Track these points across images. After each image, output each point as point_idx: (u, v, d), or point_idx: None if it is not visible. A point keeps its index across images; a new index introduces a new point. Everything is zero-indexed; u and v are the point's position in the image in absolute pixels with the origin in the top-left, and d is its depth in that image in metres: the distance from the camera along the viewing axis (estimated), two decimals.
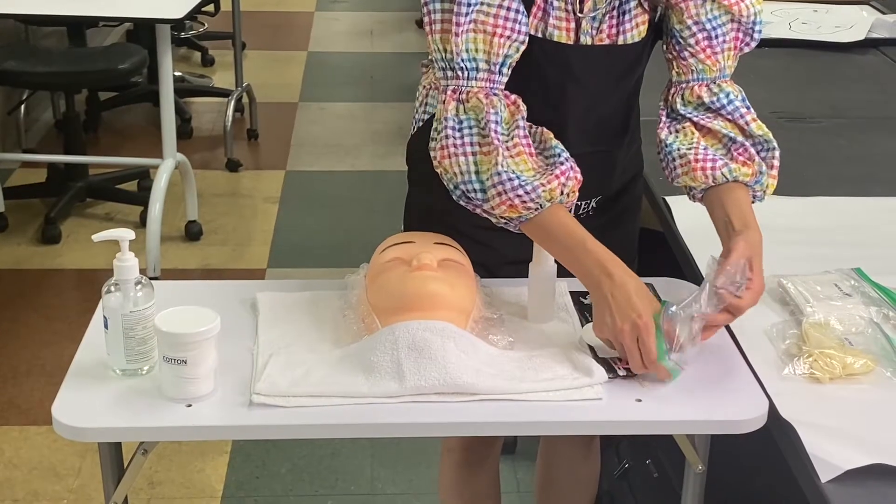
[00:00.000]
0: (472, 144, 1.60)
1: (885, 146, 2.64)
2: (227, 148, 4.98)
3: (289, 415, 1.46)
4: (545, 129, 1.66)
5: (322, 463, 2.94)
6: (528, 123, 1.66)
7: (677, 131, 1.78)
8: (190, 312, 1.49)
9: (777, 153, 1.75)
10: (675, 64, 1.77)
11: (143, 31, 5.10)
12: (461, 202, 1.64)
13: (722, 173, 1.70)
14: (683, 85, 1.77)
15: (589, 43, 1.71)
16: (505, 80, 1.64)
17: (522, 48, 1.64)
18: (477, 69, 1.62)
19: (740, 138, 1.73)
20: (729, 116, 1.75)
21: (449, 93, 1.63)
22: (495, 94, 1.63)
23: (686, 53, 1.75)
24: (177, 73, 5.47)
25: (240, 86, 5.28)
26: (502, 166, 1.57)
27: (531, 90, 1.72)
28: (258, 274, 3.98)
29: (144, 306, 1.53)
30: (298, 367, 1.53)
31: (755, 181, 1.71)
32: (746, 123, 1.75)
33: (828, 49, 3.36)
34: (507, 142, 1.60)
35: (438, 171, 1.63)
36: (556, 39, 1.70)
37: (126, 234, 1.54)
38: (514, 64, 1.65)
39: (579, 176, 1.63)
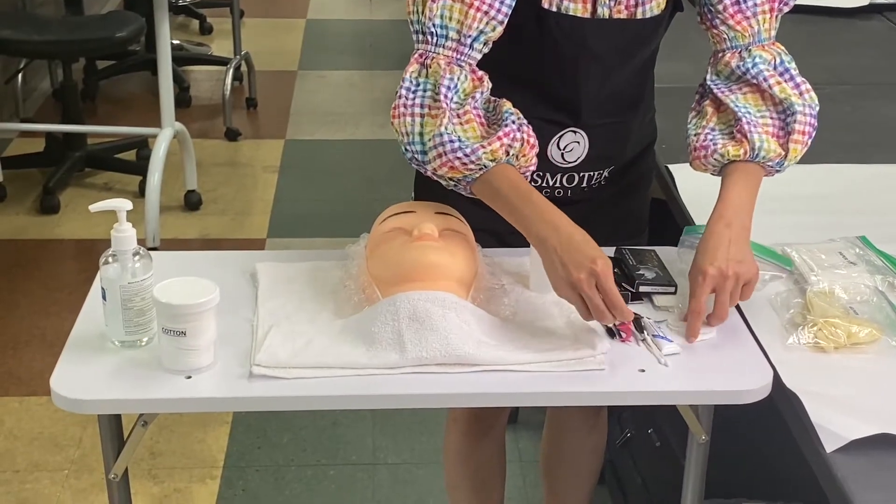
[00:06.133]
0: (421, 106, 1.60)
1: (890, 112, 2.63)
2: (225, 117, 4.95)
3: (289, 386, 1.45)
4: (504, 100, 1.65)
5: (323, 433, 2.94)
6: (490, 98, 1.64)
7: (698, 112, 1.78)
8: (189, 283, 1.48)
9: (799, 116, 1.70)
10: (709, 35, 1.77)
11: None
12: (413, 164, 1.65)
13: (715, 159, 1.70)
14: (719, 55, 1.76)
15: (606, 16, 1.69)
16: (476, 55, 1.63)
17: (500, 28, 1.63)
18: (446, 37, 1.61)
19: (748, 112, 1.70)
20: (753, 80, 1.73)
21: (416, 55, 1.64)
22: (459, 65, 1.61)
23: (717, 21, 1.73)
24: (175, 42, 5.44)
25: (238, 54, 5.25)
26: (445, 128, 1.57)
27: (547, 65, 1.70)
28: (258, 244, 3.97)
29: (143, 277, 1.51)
30: (299, 338, 1.52)
31: (752, 157, 1.69)
32: (770, 87, 1.72)
33: (831, 14, 3.33)
34: (457, 109, 1.59)
35: (394, 131, 1.63)
36: (571, 13, 1.67)
37: (123, 205, 1.53)
38: (489, 42, 1.63)
39: (530, 139, 1.61)
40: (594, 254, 1.49)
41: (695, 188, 2.02)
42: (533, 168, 1.64)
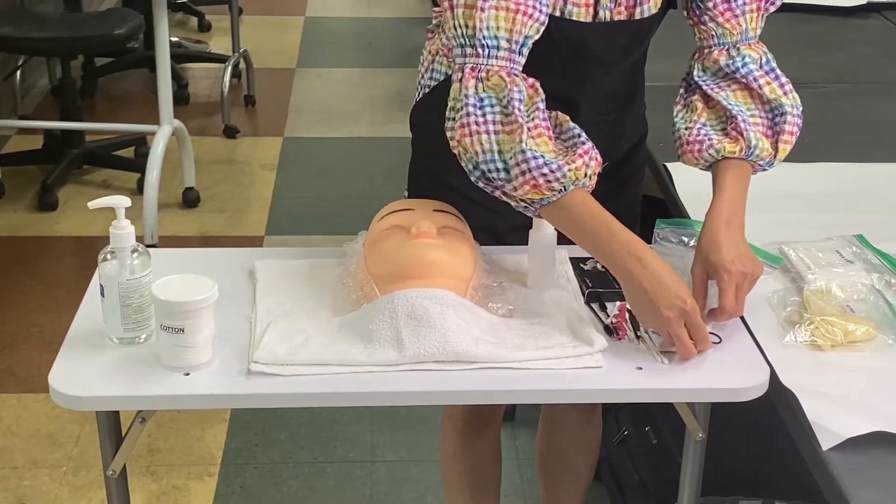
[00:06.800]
0: (494, 122, 1.55)
1: (888, 111, 2.63)
2: (224, 114, 4.95)
3: (287, 383, 1.45)
4: (560, 113, 1.62)
5: (321, 430, 2.94)
6: (547, 109, 1.62)
7: (685, 106, 1.77)
8: (187, 280, 1.48)
9: (789, 117, 1.71)
10: (696, 30, 1.76)
11: None
12: (480, 183, 1.59)
13: (710, 154, 1.70)
14: (705, 51, 1.76)
15: (607, 18, 1.68)
16: (523, 61, 1.59)
17: (542, 29, 1.60)
18: (498, 47, 1.57)
19: (742, 110, 1.70)
20: (743, 80, 1.73)
21: (467, 70, 1.57)
22: (516, 75, 1.58)
23: (706, 18, 1.73)
24: (173, 39, 5.43)
25: (237, 51, 5.25)
26: (526, 144, 1.52)
27: (546, 66, 1.70)
28: (256, 241, 3.97)
29: (141, 274, 1.52)
30: (297, 335, 1.52)
31: (747, 154, 1.69)
32: (759, 87, 1.72)
33: (830, 13, 3.34)
34: (528, 122, 1.55)
35: (457, 150, 1.58)
36: (574, 17, 1.67)
37: (122, 202, 1.53)
38: (531, 46, 1.60)
39: (599, 158, 1.59)
40: (683, 292, 1.50)
41: (693, 186, 2.02)
42: (594, 186, 1.60)
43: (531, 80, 1.59)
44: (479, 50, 1.57)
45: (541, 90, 1.60)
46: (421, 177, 1.92)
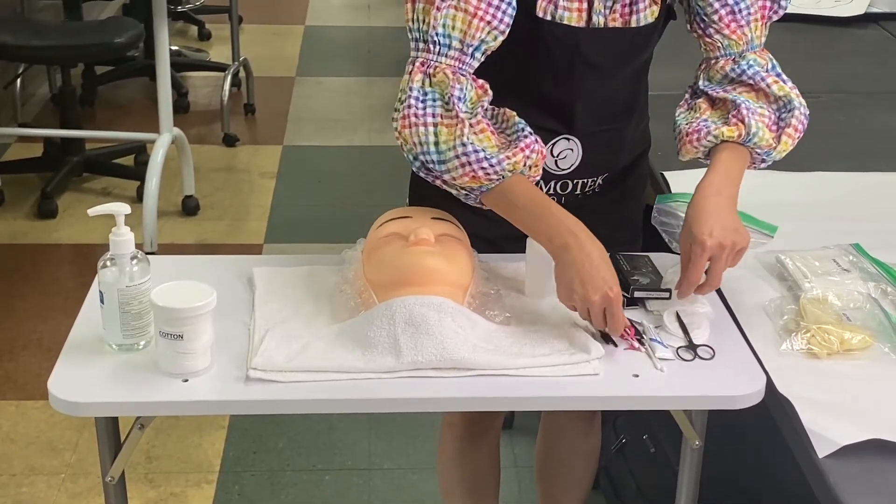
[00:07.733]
0: (433, 115, 1.59)
1: (885, 121, 2.64)
2: (223, 122, 4.96)
3: (285, 390, 1.46)
4: (507, 109, 1.66)
5: (319, 438, 2.94)
6: (492, 106, 1.66)
7: (690, 108, 1.79)
8: (186, 287, 1.48)
9: (797, 112, 1.73)
10: (701, 42, 1.78)
11: (139, 4, 5.08)
12: (421, 173, 1.64)
13: (708, 140, 1.72)
14: (712, 61, 1.77)
15: (601, 24, 1.70)
16: (476, 64, 1.63)
17: (501, 38, 1.63)
18: (449, 46, 1.60)
19: (747, 103, 1.72)
20: (750, 81, 1.74)
21: (417, 64, 1.62)
22: (463, 75, 1.61)
23: (711, 30, 1.74)
24: (173, 48, 5.44)
25: (237, 60, 5.26)
26: (468, 138, 1.57)
27: (540, 72, 1.71)
28: (255, 249, 3.97)
29: (140, 281, 1.52)
30: (295, 342, 1.52)
31: (745, 140, 1.70)
32: (767, 86, 1.74)
33: (827, 24, 3.35)
34: (470, 118, 1.59)
35: (399, 141, 1.62)
36: (566, 22, 1.68)
37: (122, 209, 1.54)
38: (488, 52, 1.63)
39: (544, 151, 1.63)
40: (612, 280, 1.52)
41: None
42: (538, 178, 1.65)
43: (480, 81, 1.63)
44: (431, 46, 1.61)
45: (489, 92, 1.63)
46: (421, 185, 1.93)
